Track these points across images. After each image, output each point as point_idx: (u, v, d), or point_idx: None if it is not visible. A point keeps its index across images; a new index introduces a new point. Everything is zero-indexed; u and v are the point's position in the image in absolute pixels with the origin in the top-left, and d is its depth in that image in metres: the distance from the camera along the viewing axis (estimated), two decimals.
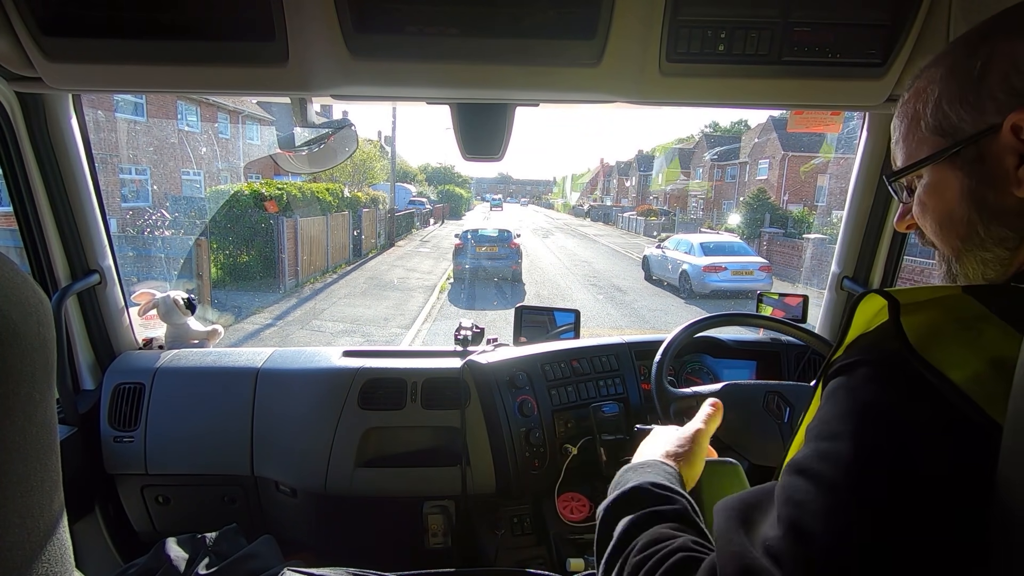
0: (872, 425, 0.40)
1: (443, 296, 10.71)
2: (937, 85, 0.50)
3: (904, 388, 0.40)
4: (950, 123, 0.49)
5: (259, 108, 14.39)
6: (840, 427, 0.41)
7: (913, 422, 0.39)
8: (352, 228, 13.58)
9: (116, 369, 1.43)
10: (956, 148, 0.48)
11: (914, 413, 0.39)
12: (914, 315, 0.40)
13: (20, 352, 0.34)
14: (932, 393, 0.38)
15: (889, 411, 0.40)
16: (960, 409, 0.37)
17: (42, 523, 0.37)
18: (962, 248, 0.50)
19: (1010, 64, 0.45)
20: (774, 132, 22.92)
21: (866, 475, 0.39)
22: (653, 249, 13.65)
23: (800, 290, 1.73)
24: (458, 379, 1.39)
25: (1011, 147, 0.45)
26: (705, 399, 1.19)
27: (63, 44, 0.92)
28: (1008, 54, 0.45)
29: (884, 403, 0.40)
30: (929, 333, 0.40)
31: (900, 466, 0.38)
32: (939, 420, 0.38)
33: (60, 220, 1.29)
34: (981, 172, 0.47)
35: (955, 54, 0.49)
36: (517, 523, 1.41)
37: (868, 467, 0.39)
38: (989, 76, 0.46)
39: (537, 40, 0.92)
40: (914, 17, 0.92)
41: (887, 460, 0.39)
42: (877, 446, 0.39)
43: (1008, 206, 0.46)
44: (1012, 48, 0.45)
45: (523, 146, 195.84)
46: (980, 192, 0.47)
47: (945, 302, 0.41)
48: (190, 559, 0.93)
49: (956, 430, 0.37)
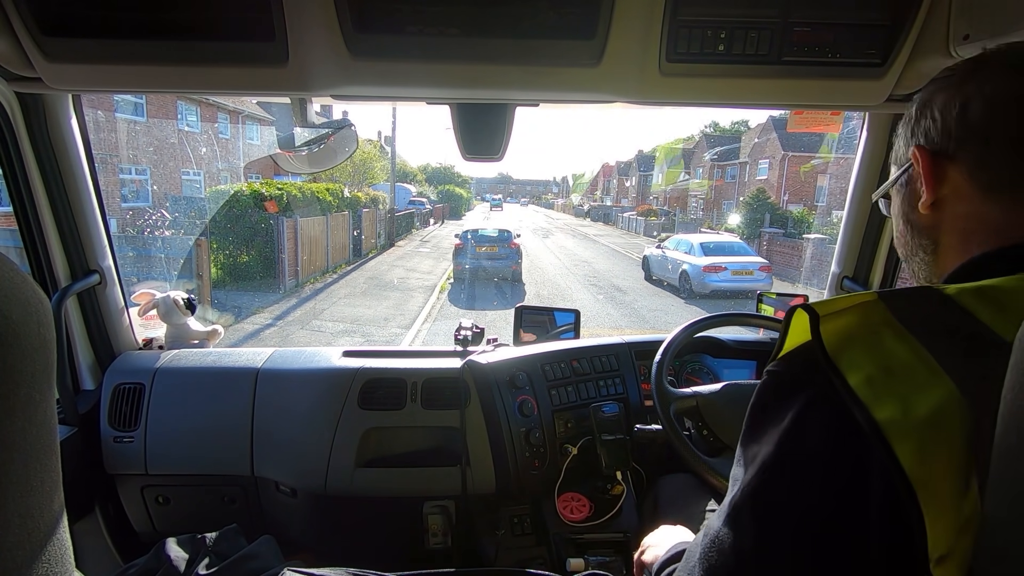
0: (783, 427, 0.46)
1: (443, 296, 10.71)
2: (899, 127, 0.62)
3: (812, 394, 0.45)
4: (899, 155, 0.62)
5: (259, 108, 14.39)
6: (756, 431, 0.49)
7: (814, 423, 0.44)
8: (352, 228, 13.58)
9: (116, 369, 1.43)
10: (899, 176, 0.61)
11: (817, 418, 0.44)
12: (832, 322, 0.46)
13: (20, 352, 0.34)
14: (834, 397, 0.43)
15: (796, 417, 0.45)
16: (851, 411, 0.42)
17: (42, 523, 0.37)
18: (906, 255, 0.63)
19: (929, 110, 0.56)
20: (774, 132, 22.91)
21: (767, 477, 0.46)
22: (653, 249, 13.65)
23: (800, 290, 1.73)
24: (458, 379, 1.39)
25: (918, 175, 0.56)
26: (705, 399, 1.20)
27: (63, 44, 0.92)
28: (930, 102, 0.56)
29: (793, 411, 0.46)
30: (841, 340, 0.45)
31: (798, 473, 0.44)
32: (836, 424, 0.43)
33: (60, 220, 1.29)
34: (906, 194, 0.60)
35: (915, 100, 0.60)
36: (517, 523, 1.41)
37: (770, 470, 0.45)
38: (919, 119, 0.58)
39: (537, 40, 0.91)
40: (914, 17, 0.92)
41: (788, 466, 0.45)
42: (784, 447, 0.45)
43: (920, 221, 0.58)
44: (933, 97, 0.56)
45: (523, 146, 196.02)
46: (906, 210, 0.60)
47: (859, 309, 0.46)
48: (190, 559, 0.93)
49: (848, 429, 0.42)
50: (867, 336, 0.44)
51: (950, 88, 0.55)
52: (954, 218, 0.55)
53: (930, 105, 0.56)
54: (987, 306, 0.44)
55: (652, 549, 0.89)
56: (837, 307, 0.47)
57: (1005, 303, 0.44)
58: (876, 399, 0.41)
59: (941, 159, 0.54)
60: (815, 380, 0.45)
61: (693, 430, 1.21)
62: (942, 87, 0.56)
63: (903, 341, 0.43)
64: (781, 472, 0.45)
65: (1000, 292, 0.45)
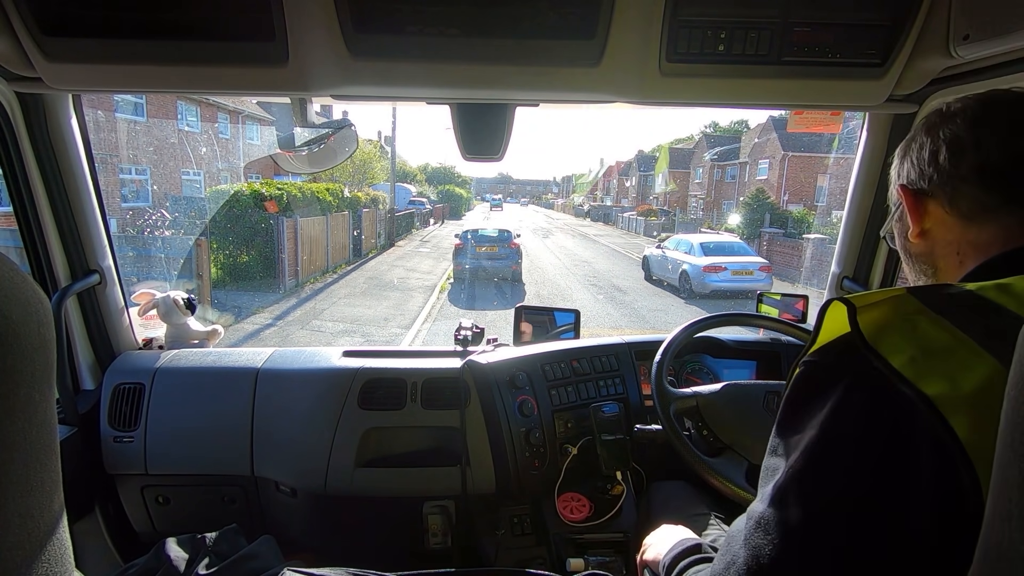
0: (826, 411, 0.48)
1: (443, 296, 10.71)
2: (897, 156, 0.68)
3: (853, 378, 0.48)
4: (891, 195, 0.69)
5: (259, 108, 14.39)
6: (795, 420, 0.51)
7: (858, 403, 0.46)
8: (352, 228, 13.58)
9: (116, 369, 1.43)
10: (895, 211, 0.69)
11: (860, 399, 0.47)
12: (868, 314, 0.49)
13: (20, 352, 0.34)
14: (876, 378, 0.46)
15: (839, 401, 0.47)
16: (897, 386, 0.44)
17: (42, 523, 0.37)
18: (911, 276, 0.70)
19: (913, 152, 0.64)
20: (774, 132, 22.92)
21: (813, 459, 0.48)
22: (653, 249, 13.65)
23: (800, 290, 1.73)
24: (458, 379, 1.39)
25: (907, 206, 0.64)
26: (705, 399, 1.20)
27: (63, 44, 0.92)
28: (910, 147, 0.65)
29: (834, 396, 0.48)
30: (879, 328, 0.48)
31: (844, 451, 0.46)
32: (880, 402, 0.45)
33: (60, 220, 1.29)
34: (900, 227, 0.68)
35: (910, 133, 0.67)
36: (517, 523, 1.41)
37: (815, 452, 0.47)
38: (903, 161, 0.66)
39: (537, 40, 0.91)
40: (914, 17, 0.92)
41: (834, 445, 0.47)
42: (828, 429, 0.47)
43: (913, 248, 0.66)
44: (912, 143, 0.64)
45: (523, 146, 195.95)
46: (902, 241, 0.68)
47: (892, 301, 0.50)
48: (190, 559, 0.93)
49: (895, 404, 0.44)
50: (903, 323, 0.48)
51: (925, 135, 0.63)
52: (944, 244, 0.62)
53: (910, 149, 0.65)
54: (1011, 299, 0.48)
55: (653, 548, 0.90)
56: (871, 300, 0.50)
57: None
58: (922, 377, 0.44)
59: (921, 196, 0.63)
60: (855, 365, 0.47)
61: (693, 430, 1.21)
62: (923, 131, 0.64)
63: (939, 326, 0.46)
64: (826, 452, 0.47)
65: (1020, 286, 0.48)
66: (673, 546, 0.83)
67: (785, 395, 0.53)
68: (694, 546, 0.80)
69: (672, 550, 0.82)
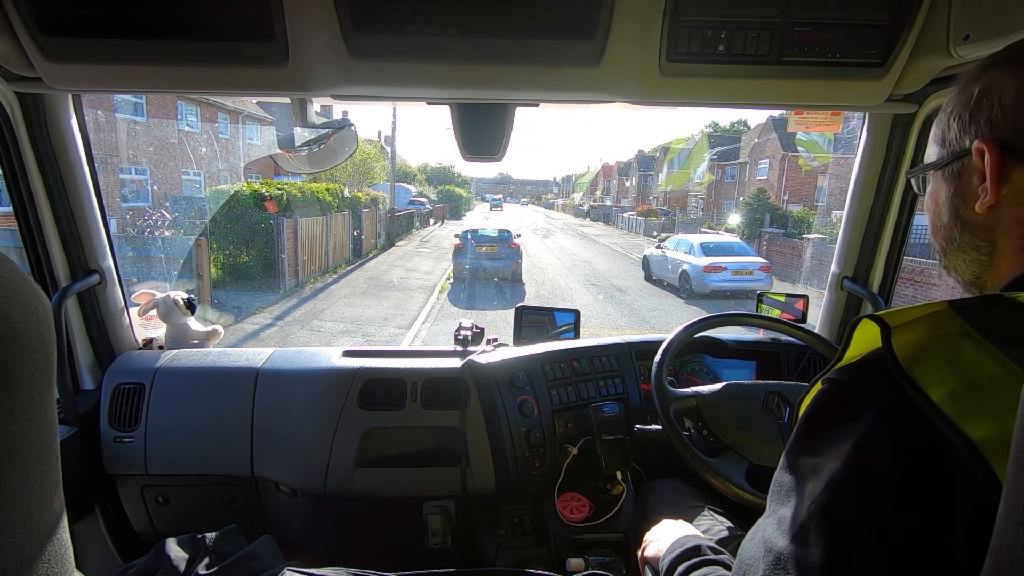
0: (854, 440, 0.43)
1: (443, 296, 10.71)
2: (952, 100, 0.55)
3: (886, 406, 0.43)
4: (948, 138, 0.55)
5: (259, 108, 14.39)
6: (817, 440, 0.46)
7: (890, 438, 0.42)
8: (352, 228, 13.58)
9: (116, 369, 1.43)
10: (947, 162, 0.54)
11: (893, 432, 0.42)
12: (903, 334, 0.43)
13: (20, 352, 0.34)
14: (913, 411, 0.40)
15: (869, 431, 0.43)
16: (936, 423, 0.39)
17: (42, 523, 0.37)
18: (947, 248, 0.57)
19: (996, 96, 0.49)
20: (774, 132, 22.90)
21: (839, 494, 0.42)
22: (653, 249, 13.65)
23: (800, 290, 1.73)
24: (458, 379, 1.39)
25: (977, 168, 0.51)
26: (705, 399, 1.20)
27: (63, 44, 0.91)
28: (998, 87, 0.50)
29: (863, 423, 0.43)
30: (915, 352, 0.42)
31: (874, 489, 0.41)
32: (917, 440, 0.40)
33: (60, 220, 1.29)
34: (958, 186, 0.54)
35: (970, 73, 0.54)
36: (517, 523, 1.41)
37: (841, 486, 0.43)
38: (982, 103, 0.51)
39: (537, 40, 0.91)
40: (914, 17, 0.92)
41: (862, 482, 0.42)
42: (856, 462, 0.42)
43: (974, 219, 0.52)
44: (1002, 81, 0.49)
45: (523, 146, 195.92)
46: (955, 204, 0.54)
47: (931, 319, 0.44)
48: (190, 559, 0.93)
49: (931, 445, 0.39)
50: (944, 348, 0.42)
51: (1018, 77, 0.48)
52: (1013, 222, 0.50)
53: (997, 90, 0.49)
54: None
55: (654, 544, 0.89)
56: (907, 317, 0.44)
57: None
58: (965, 416, 0.39)
59: (1008, 158, 0.49)
60: (888, 392, 0.42)
61: (693, 430, 1.21)
62: (1014, 66, 0.49)
63: (986, 353, 0.41)
64: (855, 489, 0.42)
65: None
66: (672, 545, 0.83)
67: (806, 410, 0.48)
68: (693, 548, 0.79)
69: (671, 550, 0.81)
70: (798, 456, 0.47)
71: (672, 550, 0.81)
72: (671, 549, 0.82)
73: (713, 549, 0.79)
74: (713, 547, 0.80)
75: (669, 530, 0.90)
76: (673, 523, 0.94)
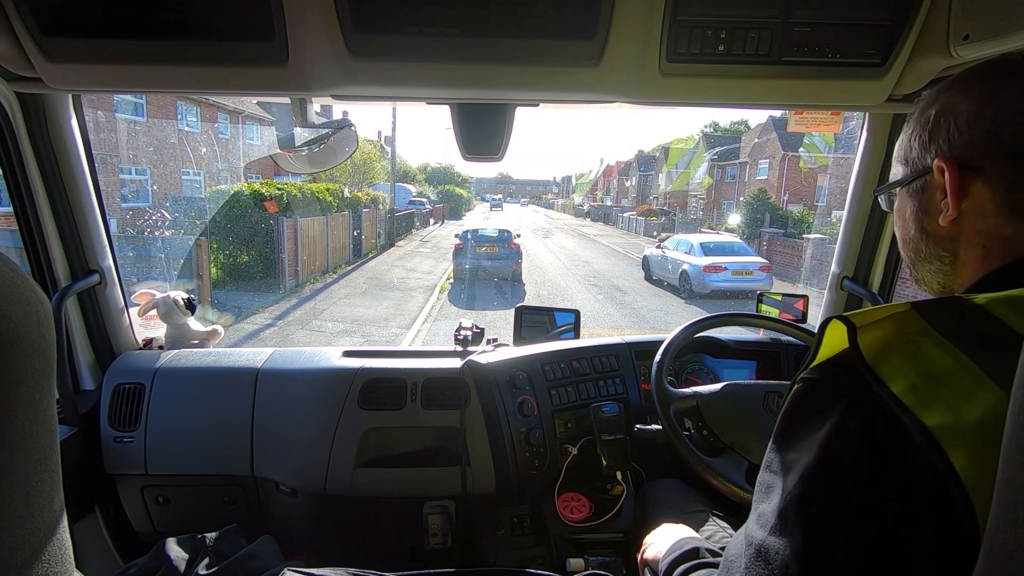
0: (824, 433, 0.46)
1: (443, 296, 10.71)
2: (912, 122, 0.60)
3: (852, 400, 0.46)
4: (911, 157, 0.59)
5: (259, 108, 14.40)
6: (792, 437, 0.49)
7: (856, 429, 0.45)
8: (352, 228, 13.58)
9: (116, 369, 1.43)
10: (912, 179, 0.59)
11: (859, 424, 0.45)
12: (869, 333, 0.47)
13: (20, 352, 0.34)
14: (877, 403, 0.44)
15: (837, 424, 0.45)
16: (896, 414, 0.42)
17: (42, 523, 0.37)
18: (915, 259, 0.62)
19: (952, 117, 0.54)
20: (774, 132, 22.91)
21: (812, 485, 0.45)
22: (653, 249, 13.65)
23: (800, 290, 1.73)
24: (458, 379, 1.39)
25: (939, 185, 0.55)
26: (705, 399, 1.20)
27: (63, 44, 0.91)
28: (953, 109, 0.54)
29: (833, 417, 0.46)
30: (880, 349, 0.46)
31: (844, 480, 0.44)
32: (880, 429, 0.43)
33: (60, 220, 1.29)
34: (922, 201, 0.58)
35: (927, 97, 0.59)
36: (517, 523, 1.41)
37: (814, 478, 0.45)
38: (939, 124, 0.55)
39: (537, 40, 0.91)
40: (914, 17, 0.92)
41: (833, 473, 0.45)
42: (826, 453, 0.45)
43: (938, 231, 0.57)
44: (957, 104, 0.54)
45: (523, 146, 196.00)
46: (920, 218, 0.59)
47: (895, 319, 0.47)
48: (190, 559, 0.93)
49: (893, 434, 0.43)
50: (906, 345, 0.45)
51: (978, 94, 0.53)
52: (974, 233, 0.54)
53: (953, 112, 0.54)
54: (1020, 317, 0.45)
55: (654, 546, 0.90)
56: (873, 317, 0.47)
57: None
58: (923, 405, 0.42)
59: (968, 173, 0.53)
60: (854, 387, 0.45)
61: (693, 430, 1.21)
62: (965, 90, 0.54)
63: (943, 349, 0.44)
64: (826, 480, 0.45)
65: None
66: (670, 548, 0.83)
67: (783, 410, 0.51)
68: (691, 551, 0.80)
69: (669, 553, 0.82)
70: (777, 453, 0.50)
71: (671, 552, 0.82)
72: (670, 551, 0.82)
73: (711, 552, 0.79)
74: (711, 549, 0.80)
75: (668, 533, 0.91)
76: (673, 526, 0.94)
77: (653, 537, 0.93)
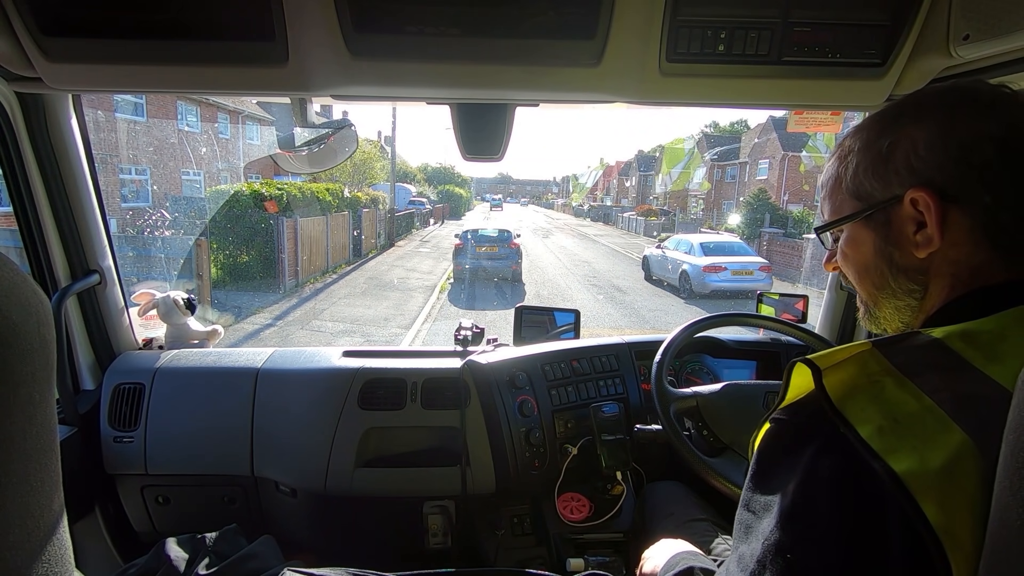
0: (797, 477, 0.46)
1: (443, 296, 10.71)
2: (855, 156, 0.58)
3: (822, 443, 0.45)
4: (864, 190, 0.57)
5: (259, 108, 14.40)
6: (767, 478, 0.49)
7: (827, 475, 0.44)
8: (352, 228, 13.59)
9: (116, 369, 1.43)
10: (869, 212, 0.57)
11: (830, 468, 0.44)
12: (834, 375, 0.47)
13: (20, 352, 0.34)
14: (846, 447, 0.43)
15: (808, 468, 0.45)
16: (865, 459, 0.42)
17: (42, 523, 0.37)
18: (878, 295, 0.60)
19: (910, 146, 0.53)
20: (774, 132, 22.92)
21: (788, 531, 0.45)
22: (653, 249, 13.65)
23: (800, 290, 1.73)
24: (458, 379, 1.39)
25: (911, 216, 0.53)
26: (705, 399, 1.20)
27: (63, 44, 0.91)
28: (908, 138, 0.53)
29: (804, 461, 0.46)
30: (846, 391, 0.46)
31: (818, 525, 0.44)
32: (851, 474, 0.43)
33: (60, 220, 1.29)
34: (889, 234, 0.56)
35: (870, 130, 0.58)
36: (517, 523, 1.41)
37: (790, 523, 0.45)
38: (894, 155, 0.54)
39: (537, 40, 0.91)
40: (914, 17, 0.92)
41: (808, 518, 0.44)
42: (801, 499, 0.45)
43: (911, 264, 0.55)
44: (911, 134, 0.53)
45: (523, 146, 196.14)
46: (888, 250, 0.57)
47: (858, 359, 0.47)
48: (190, 559, 0.93)
49: (864, 479, 0.42)
50: (870, 386, 0.45)
51: (935, 122, 0.52)
52: (944, 263, 0.53)
53: (909, 141, 0.53)
54: (977, 352, 0.45)
55: (651, 561, 0.90)
56: (836, 359, 0.48)
57: (996, 350, 0.45)
58: (891, 450, 0.42)
59: (945, 203, 0.51)
60: (823, 431, 0.46)
61: (693, 430, 1.21)
62: (916, 119, 0.54)
63: (905, 389, 0.44)
64: (802, 525, 0.45)
65: (985, 336, 0.46)
66: (667, 565, 0.84)
67: (756, 448, 0.51)
68: (686, 571, 0.80)
69: (666, 571, 0.82)
70: (753, 494, 0.50)
71: (666, 570, 0.83)
72: (665, 569, 0.83)
73: (705, 571, 0.80)
74: (705, 569, 0.80)
75: (666, 548, 0.91)
76: (671, 541, 0.95)
77: (651, 552, 0.94)
